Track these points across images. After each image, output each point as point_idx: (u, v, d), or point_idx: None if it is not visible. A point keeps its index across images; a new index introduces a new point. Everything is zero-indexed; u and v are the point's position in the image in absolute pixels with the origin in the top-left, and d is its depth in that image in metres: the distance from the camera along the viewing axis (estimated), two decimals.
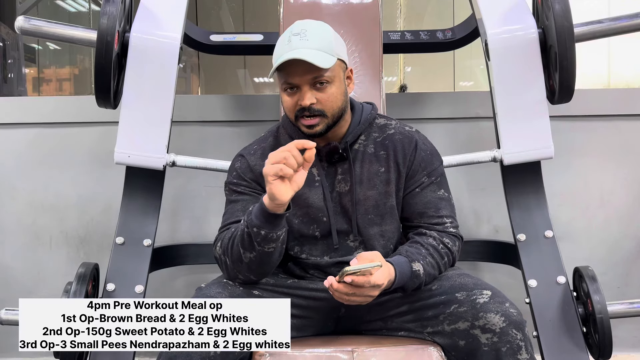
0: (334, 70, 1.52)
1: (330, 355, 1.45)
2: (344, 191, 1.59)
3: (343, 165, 1.60)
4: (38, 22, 1.94)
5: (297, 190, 1.39)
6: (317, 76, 1.49)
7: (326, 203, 1.58)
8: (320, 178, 1.60)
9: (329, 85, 1.51)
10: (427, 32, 2.65)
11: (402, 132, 1.64)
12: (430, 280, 1.53)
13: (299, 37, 1.51)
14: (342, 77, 1.56)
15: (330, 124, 1.54)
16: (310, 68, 1.48)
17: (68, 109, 2.61)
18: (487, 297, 1.44)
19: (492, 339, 1.41)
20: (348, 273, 1.34)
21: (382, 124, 1.66)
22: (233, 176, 1.63)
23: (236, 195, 1.61)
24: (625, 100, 2.62)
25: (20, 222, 2.60)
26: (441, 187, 1.63)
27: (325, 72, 1.50)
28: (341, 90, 1.54)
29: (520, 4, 2.01)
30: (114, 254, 1.90)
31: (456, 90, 7.31)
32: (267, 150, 1.58)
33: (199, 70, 7.64)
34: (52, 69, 8.06)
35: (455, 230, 1.62)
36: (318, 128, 1.53)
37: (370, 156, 1.61)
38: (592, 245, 2.59)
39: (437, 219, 1.61)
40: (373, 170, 1.60)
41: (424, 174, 1.62)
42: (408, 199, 1.62)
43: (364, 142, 1.62)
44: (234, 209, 1.59)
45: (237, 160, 1.66)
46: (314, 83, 1.50)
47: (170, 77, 1.94)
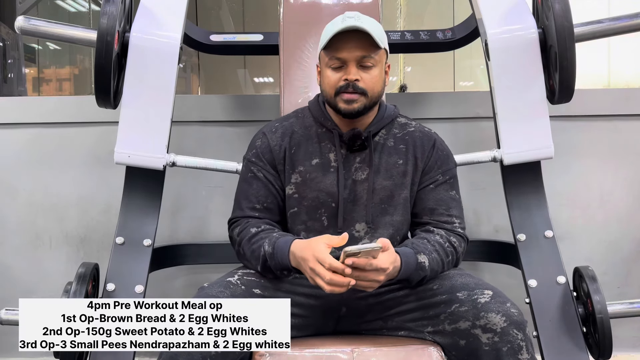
0: (380, 56, 1.59)
1: (330, 355, 1.45)
2: (359, 179, 1.62)
3: (362, 154, 1.63)
4: (38, 22, 1.94)
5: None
6: (365, 56, 1.55)
7: (339, 188, 1.61)
8: (336, 164, 1.62)
9: (374, 68, 1.57)
10: (427, 32, 2.65)
11: (422, 131, 1.70)
12: (433, 275, 1.54)
13: (353, 19, 1.55)
14: (384, 67, 1.62)
15: (368, 105, 1.58)
16: (362, 45, 1.54)
17: (68, 109, 2.60)
18: (488, 297, 1.45)
19: (493, 338, 1.41)
20: (349, 254, 1.33)
21: (403, 123, 1.71)
22: (252, 154, 1.68)
23: (251, 175, 1.66)
24: (625, 100, 2.62)
25: (20, 222, 2.60)
26: (454, 188, 1.67)
27: (374, 54, 1.56)
28: (382, 77, 1.61)
29: (520, 4, 2.01)
30: (114, 254, 1.90)
31: (456, 90, 7.31)
32: (287, 131, 1.66)
33: (199, 70, 7.65)
34: (52, 69, 8.06)
35: (462, 232, 1.63)
36: (356, 105, 1.57)
37: (389, 149, 1.65)
38: (592, 245, 2.59)
39: (447, 217, 1.63)
40: (391, 162, 1.64)
41: (439, 172, 1.65)
42: (421, 194, 1.65)
43: (385, 136, 1.66)
44: (248, 193, 1.65)
45: (258, 138, 1.70)
46: (361, 62, 1.55)
47: (170, 77, 1.94)
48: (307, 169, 1.63)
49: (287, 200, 1.65)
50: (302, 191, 1.62)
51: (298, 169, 1.63)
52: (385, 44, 1.61)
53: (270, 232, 1.56)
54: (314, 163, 1.63)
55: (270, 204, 1.64)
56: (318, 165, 1.63)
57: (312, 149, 1.64)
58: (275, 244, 1.50)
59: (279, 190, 1.65)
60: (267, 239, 1.53)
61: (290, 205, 1.64)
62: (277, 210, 1.65)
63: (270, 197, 1.64)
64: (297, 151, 1.65)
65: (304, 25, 2.17)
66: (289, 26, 2.19)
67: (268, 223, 1.63)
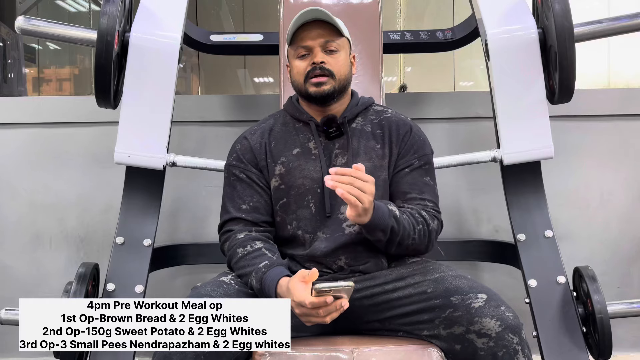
0: (343, 43, 1.67)
1: (330, 355, 1.44)
2: (340, 164, 1.64)
3: (340, 140, 1.67)
4: (38, 22, 1.94)
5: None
6: (329, 40, 1.64)
7: (323, 173, 1.62)
8: (317, 152, 1.65)
9: (338, 53, 1.65)
10: (427, 32, 2.65)
11: (398, 117, 1.73)
12: (403, 234, 1.53)
13: (314, 9, 1.64)
14: (348, 55, 1.69)
15: (337, 87, 1.64)
16: (324, 32, 1.64)
17: (68, 109, 2.61)
18: (482, 301, 1.43)
19: (488, 343, 1.41)
20: (319, 291, 1.32)
21: (379, 110, 1.76)
22: (233, 158, 1.71)
23: (234, 178, 1.69)
24: (625, 100, 2.62)
25: (20, 222, 2.60)
26: (428, 175, 1.68)
27: (337, 39, 1.65)
28: (347, 63, 1.68)
29: (520, 4, 2.01)
30: (114, 254, 1.90)
31: (456, 90, 7.31)
32: (265, 130, 1.72)
33: (199, 70, 7.64)
34: (52, 69, 8.05)
35: (434, 212, 1.63)
36: (326, 87, 1.63)
37: (367, 134, 1.69)
38: (592, 245, 2.59)
39: (420, 201, 1.63)
40: (370, 146, 1.67)
41: (415, 157, 1.67)
42: (396, 177, 1.66)
43: (362, 122, 1.70)
44: (232, 195, 1.67)
45: (238, 142, 1.74)
46: (325, 47, 1.64)
47: (170, 77, 1.94)
48: (289, 158, 1.66)
49: (273, 193, 1.66)
50: (287, 181, 1.64)
51: (281, 160, 1.66)
52: (347, 34, 1.68)
53: (255, 259, 1.54)
54: (295, 152, 1.66)
55: (256, 202, 1.65)
56: (299, 154, 1.66)
57: (292, 140, 1.68)
58: (262, 281, 1.49)
59: (264, 187, 1.67)
60: (253, 272, 1.51)
61: (278, 198, 1.65)
62: (263, 208, 1.66)
63: (255, 196, 1.65)
64: (277, 144, 1.68)
65: None
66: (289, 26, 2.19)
67: (256, 231, 1.62)
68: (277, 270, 1.49)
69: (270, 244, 1.62)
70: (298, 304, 1.37)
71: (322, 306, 1.34)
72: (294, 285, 1.39)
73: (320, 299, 1.34)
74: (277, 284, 1.46)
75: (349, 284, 1.33)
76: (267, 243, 1.61)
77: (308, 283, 1.38)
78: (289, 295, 1.40)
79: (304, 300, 1.35)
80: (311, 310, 1.36)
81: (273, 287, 1.46)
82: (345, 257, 1.61)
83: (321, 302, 1.34)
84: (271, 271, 1.49)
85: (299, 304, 1.37)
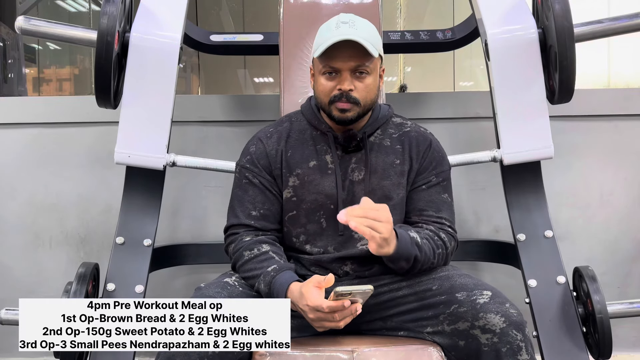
0: (375, 63, 1.57)
1: (330, 355, 1.44)
2: (357, 180, 1.62)
3: (357, 154, 1.63)
4: (38, 22, 1.94)
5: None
6: (360, 64, 1.54)
7: (337, 190, 1.60)
8: (333, 166, 1.62)
9: (368, 76, 1.56)
10: (427, 32, 2.65)
11: (418, 131, 1.69)
12: (425, 263, 1.52)
13: (347, 25, 1.55)
14: (378, 73, 1.61)
15: (361, 113, 1.58)
16: (356, 55, 1.52)
17: (68, 109, 2.61)
18: (487, 298, 1.44)
19: (492, 339, 1.41)
20: (339, 294, 1.32)
21: (399, 122, 1.71)
22: (247, 160, 1.66)
23: (246, 182, 1.64)
24: (625, 100, 2.62)
25: (20, 222, 2.60)
26: (446, 191, 1.66)
27: (368, 62, 1.54)
28: (376, 84, 1.60)
29: (520, 4, 2.01)
30: (114, 254, 1.90)
31: (456, 90, 7.31)
32: (282, 136, 1.66)
33: (199, 70, 7.64)
34: (52, 69, 8.05)
35: (452, 231, 1.62)
36: (350, 114, 1.56)
37: (386, 148, 1.65)
38: (592, 245, 2.59)
39: (436, 218, 1.62)
40: (388, 161, 1.63)
41: (433, 173, 1.65)
42: (412, 194, 1.64)
43: (381, 136, 1.66)
44: (243, 199, 1.63)
45: (252, 144, 1.68)
46: (355, 71, 1.54)
47: (170, 77, 1.94)
48: (305, 171, 1.62)
49: (284, 204, 1.64)
50: (300, 194, 1.61)
51: (296, 172, 1.62)
52: (381, 49, 1.60)
53: (262, 262, 1.53)
54: (312, 165, 1.62)
55: (266, 210, 1.62)
56: (315, 168, 1.62)
57: (309, 151, 1.64)
58: (271, 284, 1.48)
59: (277, 195, 1.64)
60: (261, 275, 1.50)
61: (288, 209, 1.63)
62: (273, 216, 1.63)
63: (267, 204, 1.62)
64: (294, 154, 1.64)
65: (304, 25, 2.17)
66: (289, 26, 2.19)
67: (263, 235, 1.61)
68: (286, 275, 1.48)
69: (277, 247, 1.61)
70: (314, 308, 1.36)
71: (338, 310, 1.34)
72: (308, 290, 1.38)
73: (338, 302, 1.33)
74: (287, 289, 1.44)
75: (368, 287, 1.33)
76: (274, 246, 1.59)
77: (322, 289, 1.37)
78: (301, 300, 1.39)
79: (321, 305, 1.34)
80: (327, 315, 1.35)
81: (283, 291, 1.44)
82: (352, 262, 1.61)
83: (339, 306, 1.33)
84: (280, 275, 1.48)
85: (315, 308, 1.35)
